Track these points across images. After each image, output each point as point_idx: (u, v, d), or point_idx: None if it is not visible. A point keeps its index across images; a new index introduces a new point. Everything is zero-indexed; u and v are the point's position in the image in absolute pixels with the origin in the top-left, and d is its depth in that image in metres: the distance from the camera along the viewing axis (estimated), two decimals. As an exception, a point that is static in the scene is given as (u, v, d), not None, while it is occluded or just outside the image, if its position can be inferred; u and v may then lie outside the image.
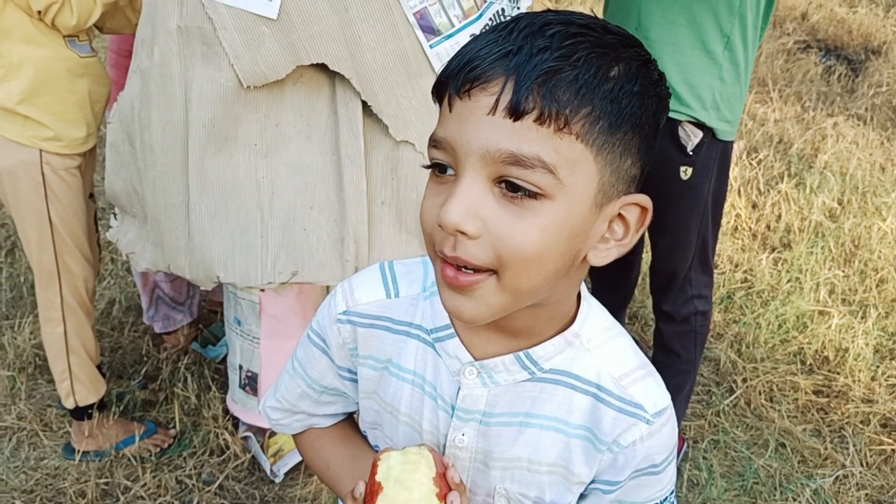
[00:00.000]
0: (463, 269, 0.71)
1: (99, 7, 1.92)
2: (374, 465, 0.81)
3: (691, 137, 1.99)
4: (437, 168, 0.72)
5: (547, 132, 0.66)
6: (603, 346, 0.85)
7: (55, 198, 2.06)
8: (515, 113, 0.66)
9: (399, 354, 0.89)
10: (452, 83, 0.69)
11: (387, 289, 0.90)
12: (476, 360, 0.83)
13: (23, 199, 2.04)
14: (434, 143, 0.71)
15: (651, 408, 0.83)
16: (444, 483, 0.80)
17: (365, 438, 1.01)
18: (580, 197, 0.69)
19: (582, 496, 0.90)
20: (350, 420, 1.07)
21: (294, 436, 1.07)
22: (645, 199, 0.74)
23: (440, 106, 0.73)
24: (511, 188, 0.68)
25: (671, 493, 0.91)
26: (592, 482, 0.88)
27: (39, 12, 1.88)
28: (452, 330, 0.84)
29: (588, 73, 0.67)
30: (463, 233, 0.68)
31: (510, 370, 0.83)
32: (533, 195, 0.68)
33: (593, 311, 0.86)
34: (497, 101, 0.66)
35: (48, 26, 1.93)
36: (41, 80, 1.97)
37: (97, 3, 1.91)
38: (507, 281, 0.70)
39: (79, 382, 2.24)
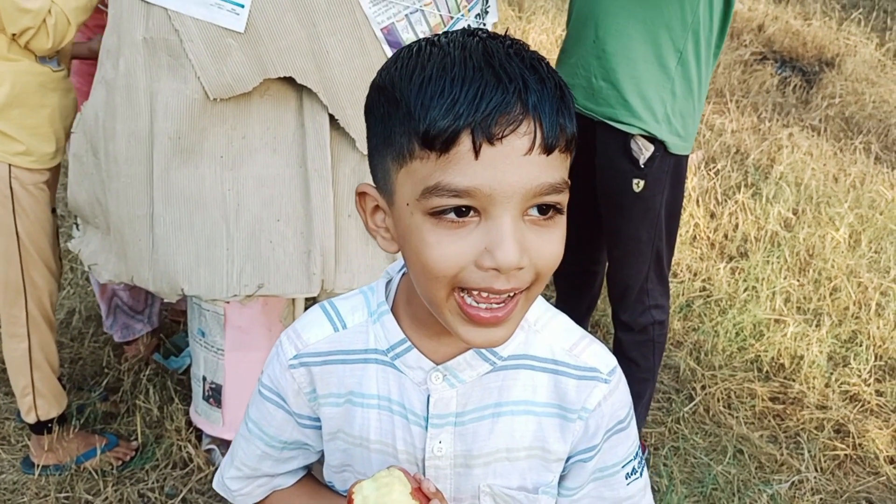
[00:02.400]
0: (494, 304, 0.74)
1: (73, 28, 1.92)
2: (350, 500, 0.81)
3: (643, 151, 2.03)
4: (453, 213, 0.71)
5: (565, 156, 0.74)
6: (549, 325, 0.91)
7: (23, 212, 2.04)
8: (549, 149, 0.71)
9: (360, 383, 0.90)
10: (479, 132, 0.68)
11: (333, 323, 0.91)
12: (438, 364, 0.86)
13: None
14: (455, 192, 0.70)
15: (604, 368, 0.90)
16: (423, 496, 0.82)
17: (330, 489, 1.01)
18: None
19: (563, 477, 0.94)
20: (311, 476, 1.06)
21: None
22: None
23: (440, 153, 0.70)
24: (541, 211, 0.73)
25: (638, 447, 0.97)
26: (570, 458, 0.92)
27: (14, 35, 1.87)
28: (409, 343, 0.86)
29: (567, 93, 0.73)
30: (519, 268, 0.72)
31: (472, 365, 0.86)
32: (558, 211, 0.75)
33: None
34: (533, 141, 0.70)
35: (20, 48, 1.92)
36: (15, 94, 1.95)
37: (71, 24, 1.91)
38: (534, 292, 0.77)
39: (41, 397, 2.21)
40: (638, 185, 2.07)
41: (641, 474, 0.96)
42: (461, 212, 0.71)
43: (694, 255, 3.50)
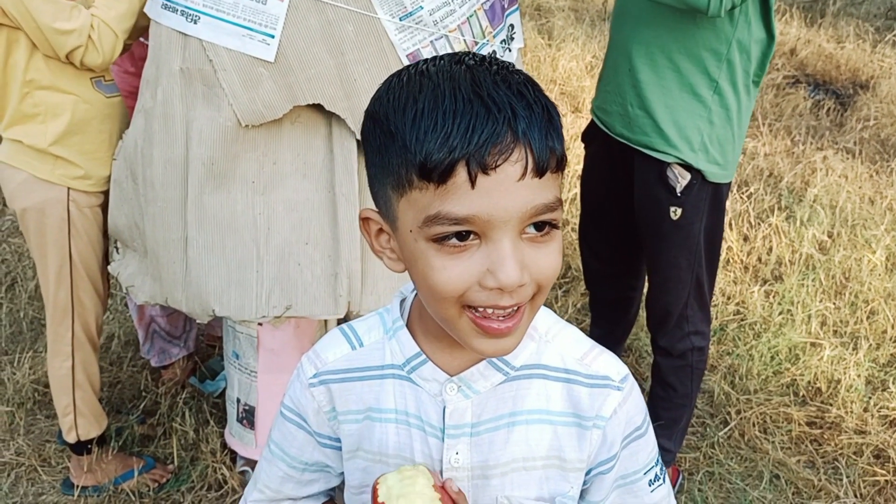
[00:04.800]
0: (501, 316, 0.78)
1: (120, 39, 1.96)
2: (375, 492, 0.83)
3: (679, 179, 2.03)
4: (455, 238, 0.75)
5: (557, 175, 0.77)
6: (559, 335, 0.93)
7: (77, 234, 2.11)
8: (541, 172, 0.74)
9: (377, 398, 0.92)
10: (474, 162, 0.71)
11: (350, 343, 0.95)
12: (452, 376, 0.88)
13: (47, 236, 2.09)
14: (455, 220, 0.73)
15: (616, 376, 0.92)
16: (446, 493, 0.84)
17: None
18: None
19: (585, 492, 0.95)
20: (332, 502, 1.08)
21: None
22: None
23: (438, 184, 0.73)
24: (538, 229, 0.77)
25: (658, 455, 0.98)
26: (591, 471, 0.94)
27: (68, 56, 1.93)
28: (424, 356, 0.89)
29: (555, 114, 0.76)
30: (521, 285, 0.76)
31: (486, 376, 0.88)
32: (554, 227, 0.78)
33: (541, 308, 0.93)
34: (525, 167, 0.73)
35: (78, 68, 1.98)
36: (75, 122, 2.03)
37: (118, 37, 1.95)
38: (537, 302, 0.81)
39: (82, 417, 2.26)
40: (675, 212, 2.07)
41: (664, 481, 0.98)
42: (462, 236, 0.75)
43: (727, 278, 3.47)
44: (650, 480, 0.96)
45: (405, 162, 0.74)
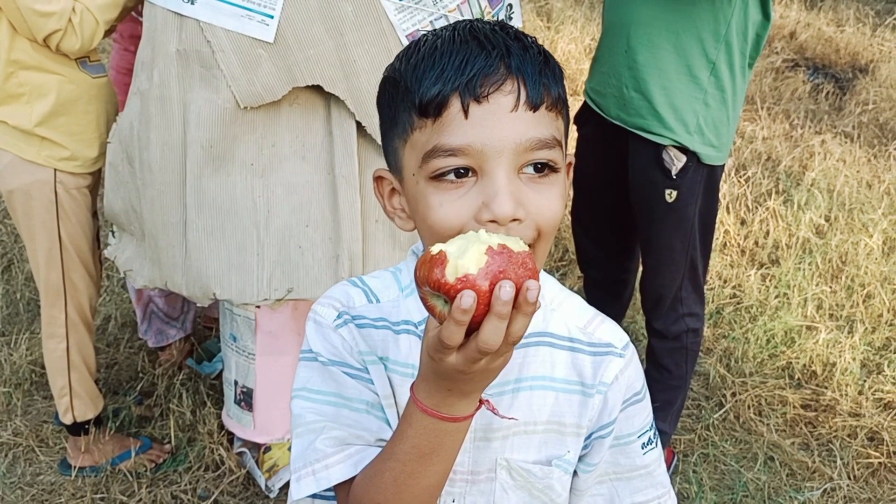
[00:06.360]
0: None
1: (101, 27, 1.93)
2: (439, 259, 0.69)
3: (675, 161, 2.02)
4: (452, 174, 0.77)
5: (552, 116, 0.79)
6: (564, 304, 0.95)
7: (66, 216, 2.09)
8: (534, 105, 0.77)
9: (396, 350, 0.92)
10: (466, 93, 0.75)
11: (367, 296, 0.94)
12: None
13: (35, 218, 2.08)
14: (450, 151, 0.76)
15: (618, 343, 0.95)
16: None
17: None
18: (564, 162, 0.82)
19: (584, 455, 0.96)
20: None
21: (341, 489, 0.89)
22: (572, 157, 0.88)
23: (434, 118, 0.76)
24: (537, 169, 0.78)
25: (653, 420, 1.00)
26: (590, 435, 0.95)
27: (45, 40, 1.91)
28: None
29: (553, 62, 0.79)
30: (516, 220, 0.76)
31: None
32: (553, 169, 0.79)
33: (546, 276, 0.94)
34: (518, 98, 0.75)
35: (53, 52, 1.95)
36: (60, 103, 2.01)
37: (99, 23, 1.92)
38: (539, 251, 0.81)
39: (78, 398, 2.26)
40: (671, 195, 2.07)
41: (657, 445, 1.00)
42: (460, 173, 0.77)
43: (724, 262, 3.48)
44: (643, 444, 0.98)
45: (407, 105, 0.78)
